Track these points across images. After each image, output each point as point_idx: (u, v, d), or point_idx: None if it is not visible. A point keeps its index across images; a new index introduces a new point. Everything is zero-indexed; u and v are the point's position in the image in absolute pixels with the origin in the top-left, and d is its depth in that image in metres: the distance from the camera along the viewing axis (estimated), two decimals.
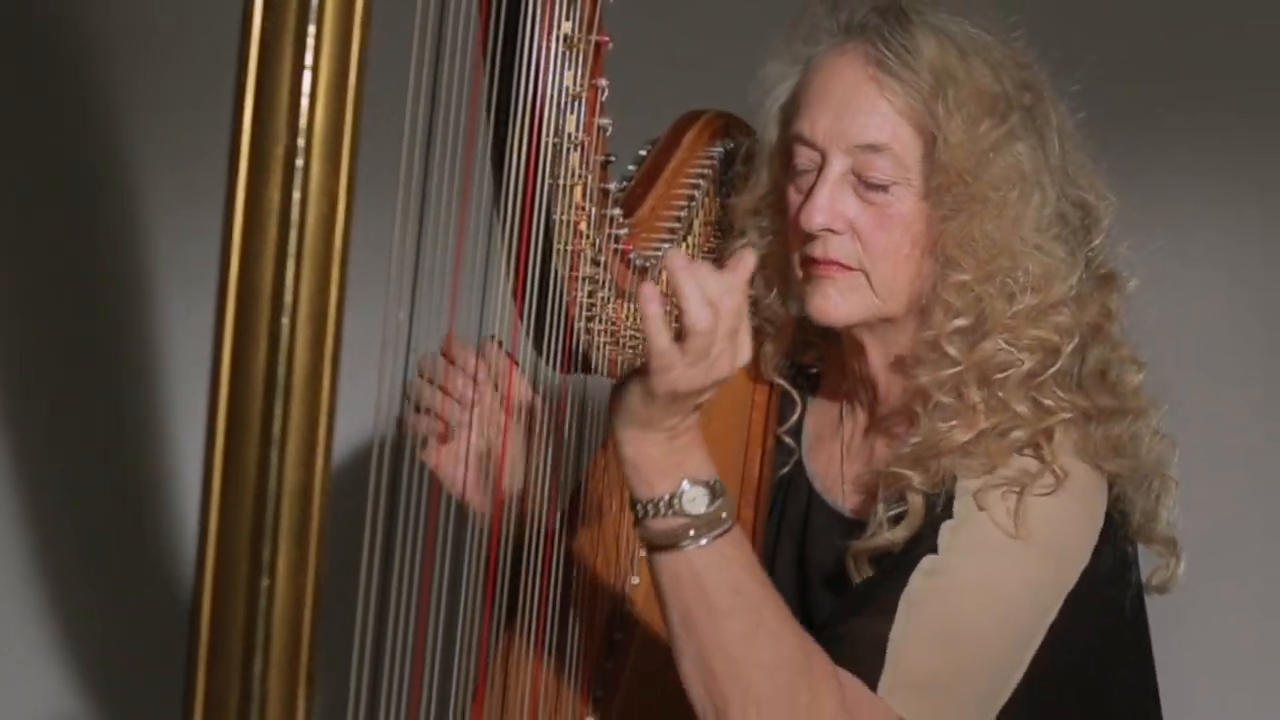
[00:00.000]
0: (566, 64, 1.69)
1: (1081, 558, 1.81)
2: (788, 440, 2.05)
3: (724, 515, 1.63)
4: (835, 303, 1.88)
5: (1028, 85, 1.88)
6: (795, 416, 2.07)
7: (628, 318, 1.90)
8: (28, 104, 2.82)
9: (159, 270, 2.84)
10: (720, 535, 1.62)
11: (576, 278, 1.77)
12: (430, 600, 1.47)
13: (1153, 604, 1.96)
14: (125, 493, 2.86)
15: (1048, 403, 1.83)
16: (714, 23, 2.76)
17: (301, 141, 1.15)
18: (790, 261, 1.94)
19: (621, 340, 1.90)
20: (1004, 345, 1.83)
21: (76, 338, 2.85)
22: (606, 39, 1.72)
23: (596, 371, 1.87)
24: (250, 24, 1.14)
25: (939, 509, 1.81)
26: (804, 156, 1.90)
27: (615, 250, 1.84)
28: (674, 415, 1.59)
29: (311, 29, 1.14)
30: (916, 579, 1.75)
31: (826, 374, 2.10)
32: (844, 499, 1.98)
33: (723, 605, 1.62)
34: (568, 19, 1.68)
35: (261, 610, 1.15)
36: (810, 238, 1.88)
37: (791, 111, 1.94)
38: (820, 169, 1.87)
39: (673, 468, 1.62)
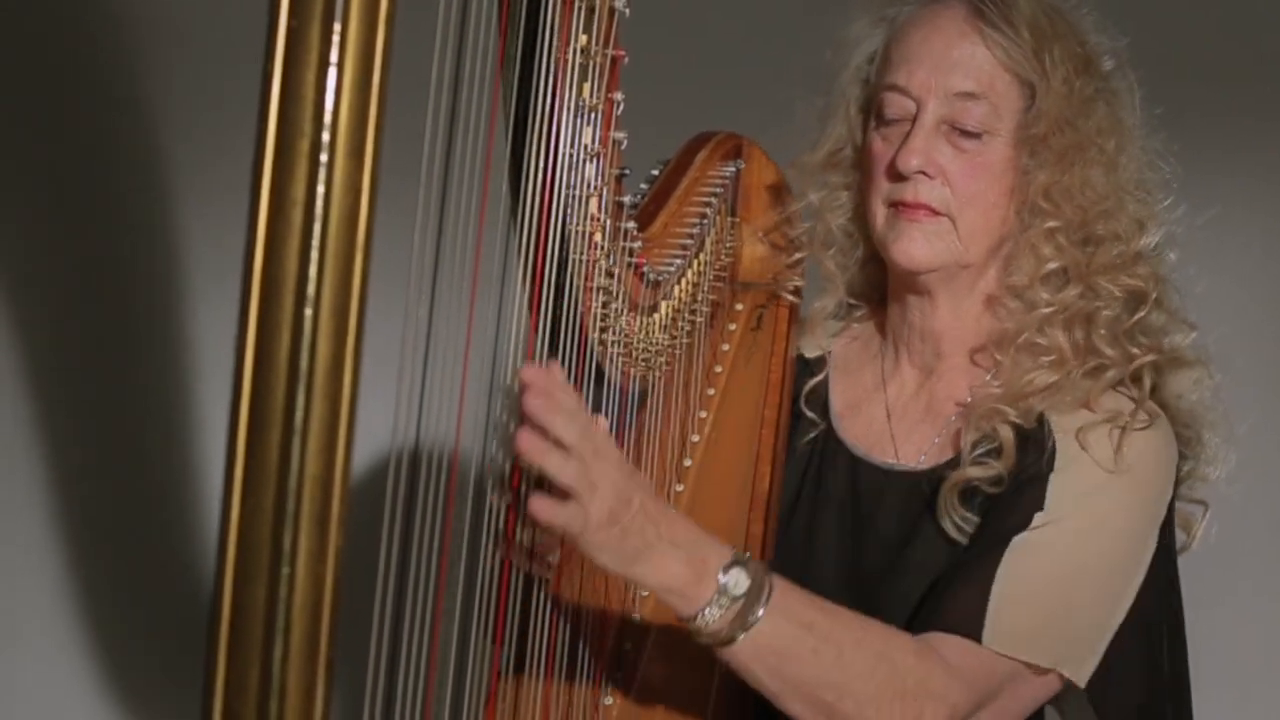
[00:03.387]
0: (583, 77, 1.71)
1: (1168, 493, 1.91)
2: (809, 414, 2.08)
3: (761, 573, 1.65)
4: (920, 246, 1.94)
5: (1106, 56, 1.96)
6: (817, 379, 2.10)
7: (641, 331, 1.92)
8: (57, 103, 2.85)
9: (186, 262, 2.87)
10: (771, 593, 1.65)
11: (591, 288, 1.79)
12: (447, 589, 1.48)
13: None
14: (149, 481, 2.88)
15: (1134, 349, 1.92)
16: (727, 40, 2.79)
17: (326, 136, 1.17)
18: (872, 209, 1.99)
19: (634, 353, 1.92)
20: (1101, 285, 1.91)
21: (104, 329, 2.88)
22: (623, 53, 1.75)
23: (610, 383, 1.89)
24: (277, 21, 1.16)
25: (1044, 458, 1.87)
26: (896, 106, 1.95)
27: (629, 263, 1.87)
28: (642, 524, 1.58)
29: (337, 26, 1.16)
30: (1023, 534, 1.83)
31: (855, 341, 2.14)
32: (896, 455, 2.01)
33: (805, 649, 1.67)
34: (585, 32, 1.70)
35: (282, 597, 1.17)
36: (900, 181, 1.93)
37: (880, 66, 2.00)
38: (916, 116, 1.93)
39: (699, 568, 1.62)
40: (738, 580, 1.63)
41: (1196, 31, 2.86)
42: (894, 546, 1.94)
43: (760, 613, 1.64)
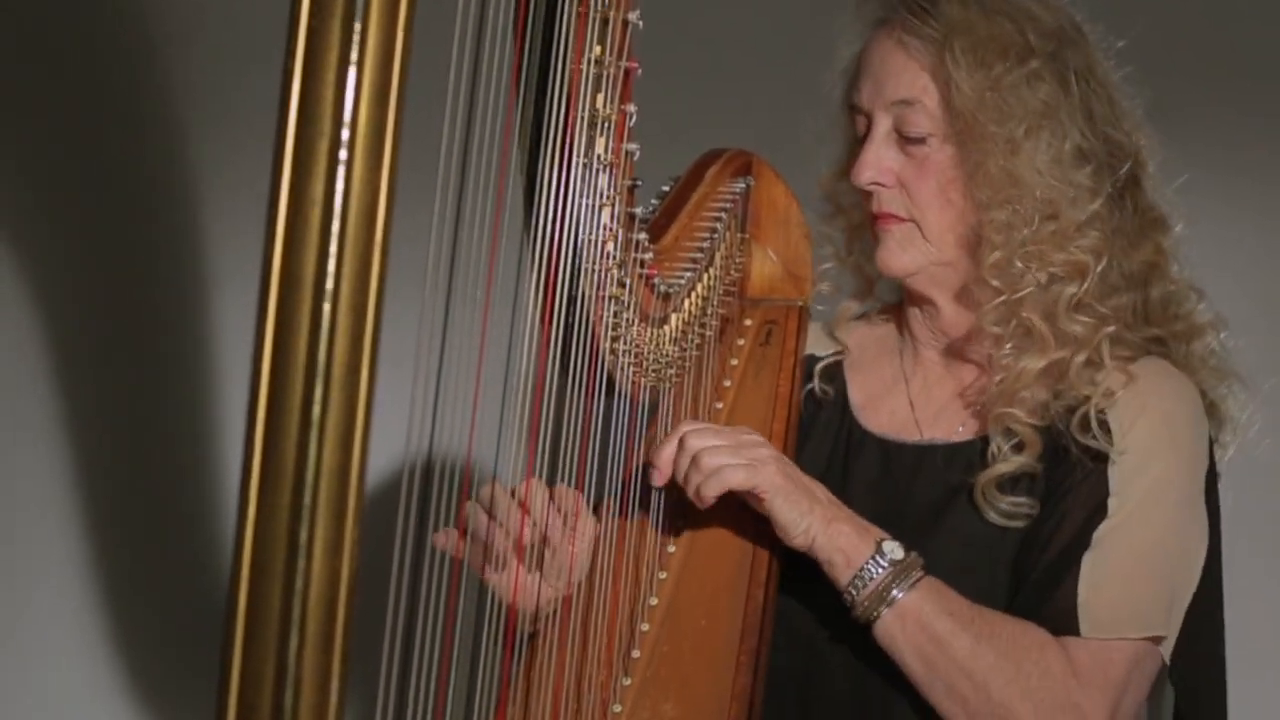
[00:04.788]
0: (597, 88, 1.73)
1: (1204, 459, 1.97)
2: (819, 391, 2.14)
3: (913, 554, 1.87)
4: (896, 254, 2.02)
5: (1054, 34, 2.00)
6: (834, 370, 2.16)
7: (651, 342, 1.94)
8: (77, 100, 2.87)
9: (205, 259, 2.88)
10: (920, 570, 1.86)
11: (603, 297, 1.80)
12: (460, 582, 1.49)
13: None
14: (166, 475, 2.88)
15: (1092, 319, 1.96)
16: (740, 53, 2.81)
17: (346, 134, 1.18)
18: (866, 225, 2.07)
19: (645, 363, 1.93)
20: (1044, 270, 1.96)
21: (123, 325, 2.88)
22: (636, 65, 1.77)
23: (620, 393, 1.90)
24: (297, 20, 1.17)
25: (1079, 437, 1.93)
26: (859, 123, 2.04)
27: (640, 275, 1.88)
28: (810, 484, 1.91)
29: (357, 25, 1.17)
30: (1103, 524, 1.91)
31: (872, 335, 2.18)
32: (922, 435, 2.07)
33: (946, 631, 1.85)
34: (599, 43, 1.72)
35: (298, 590, 1.17)
36: (869, 195, 2.01)
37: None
38: (868, 130, 2.00)
39: (862, 531, 1.88)
40: (894, 547, 1.87)
41: (1189, 28, 2.87)
42: (930, 513, 1.99)
43: (914, 579, 1.85)
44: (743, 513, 1.95)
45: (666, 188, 2.10)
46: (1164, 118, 2.02)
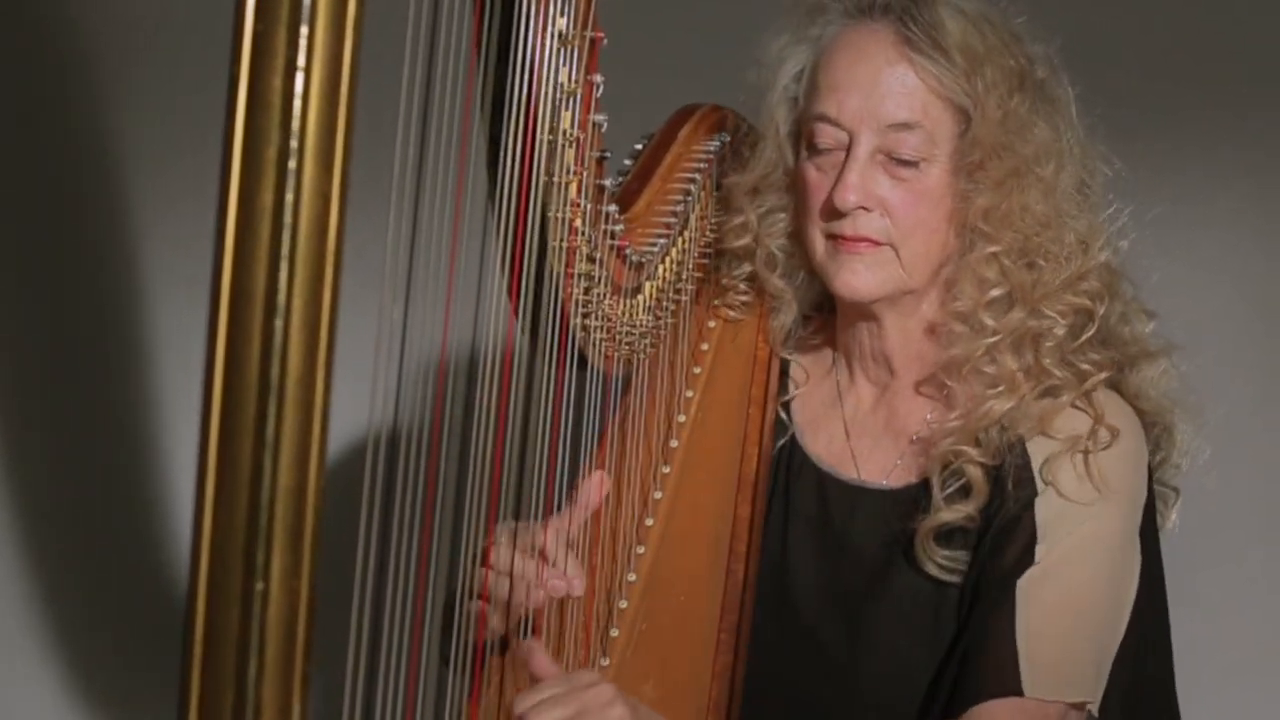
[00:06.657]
0: (562, 60, 1.69)
1: (1143, 498, 1.89)
2: (782, 415, 2.06)
3: None
4: (864, 278, 1.91)
5: (1041, 61, 1.93)
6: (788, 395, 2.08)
7: (624, 314, 1.90)
8: (18, 105, 2.81)
9: (153, 272, 2.83)
10: None
11: (572, 274, 1.77)
12: (425, 602, 1.46)
13: None
14: (118, 497, 2.85)
15: (1085, 366, 1.89)
16: (708, 18, 2.76)
17: (294, 143, 1.14)
18: (810, 238, 1.95)
19: (618, 336, 1.90)
20: (1041, 312, 1.88)
21: (69, 340, 2.84)
22: (601, 35, 1.72)
23: (593, 368, 1.87)
24: (243, 24, 1.13)
25: (1015, 484, 1.86)
26: (827, 136, 1.91)
27: (611, 246, 1.84)
28: None
29: (304, 30, 1.14)
30: (1028, 572, 1.82)
31: (809, 355, 2.10)
32: (859, 471, 1.99)
33: None
34: (562, 15, 1.67)
35: (256, 613, 1.15)
36: (838, 215, 1.90)
37: (807, 91, 1.95)
38: (849, 148, 1.89)
39: None
40: None
41: (1186, 31, 2.83)
42: (874, 568, 1.92)
43: None
44: (724, 479, 1.92)
45: (640, 146, 2.05)
46: (1161, 120, 1.98)
